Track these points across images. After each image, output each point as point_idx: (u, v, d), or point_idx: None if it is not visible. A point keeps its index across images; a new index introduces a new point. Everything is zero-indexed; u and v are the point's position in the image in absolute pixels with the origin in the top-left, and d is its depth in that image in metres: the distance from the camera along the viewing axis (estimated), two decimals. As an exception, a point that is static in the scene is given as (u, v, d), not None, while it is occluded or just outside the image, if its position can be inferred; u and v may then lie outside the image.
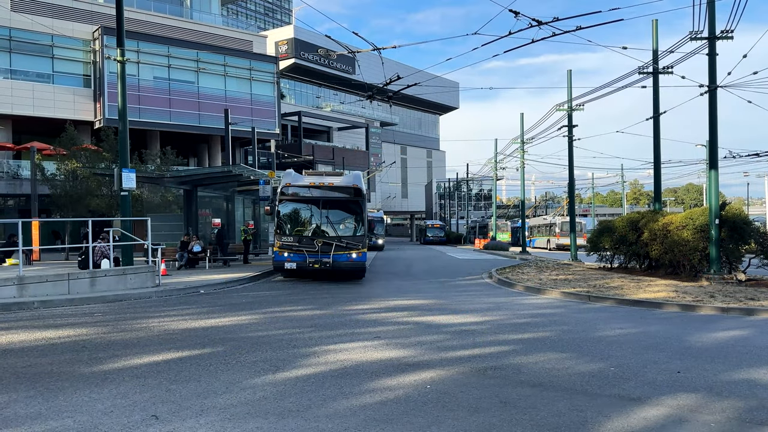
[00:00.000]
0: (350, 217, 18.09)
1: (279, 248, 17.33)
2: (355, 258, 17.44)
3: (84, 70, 37.07)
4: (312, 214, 17.90)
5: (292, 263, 17.13)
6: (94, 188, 28.74)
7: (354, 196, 17.88)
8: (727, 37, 17.69)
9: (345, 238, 17.52)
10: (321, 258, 17.12)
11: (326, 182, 17.93)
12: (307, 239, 17.34)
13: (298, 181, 18.02)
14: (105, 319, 10.91)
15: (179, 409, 5.48)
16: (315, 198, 17.72)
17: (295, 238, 17.34)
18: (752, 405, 5.81)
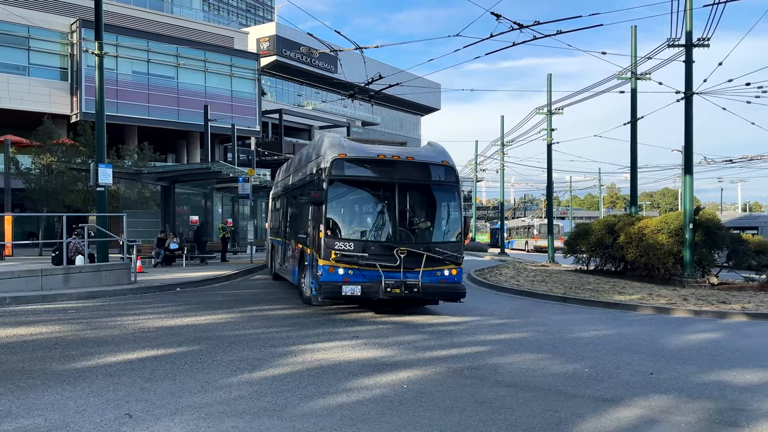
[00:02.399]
0: (441, 211, 11.77)
1: (333, 261, 10.60)
2: (449, 277, 11.14)
3: (61, 63, 36.48)
4: (385, 206, 11.08)
5: (355, 286, 10.47)
6: (70, 183, 28.27)
7: (445, 177, 11.50)
8: (703, 44, 18.00)
9: (438, 246, 11.08)
10: (405, 278, 10.63)
11: (403, 154, 11.30)
12: (381, 247, 10.82)
13: (359, 152, 11.16)
14: (78, 316, 10.75)
15: (153, 407, 5.42)
16: (388, 180, 11.04)
17: (357, 245, 10.70)
18: (722, 406, 5.92)
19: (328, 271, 10.64)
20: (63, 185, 28.13)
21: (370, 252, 10.68)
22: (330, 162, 10.81)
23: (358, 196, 11.41)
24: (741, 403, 6.06)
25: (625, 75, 23.25)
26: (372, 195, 11.30)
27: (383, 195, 11.10)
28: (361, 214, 11.56)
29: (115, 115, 35.05)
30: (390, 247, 10.77)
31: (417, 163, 11.39)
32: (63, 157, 28.68)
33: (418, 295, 10.67)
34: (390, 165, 11.14)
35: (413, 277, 10.69)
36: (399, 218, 10.93)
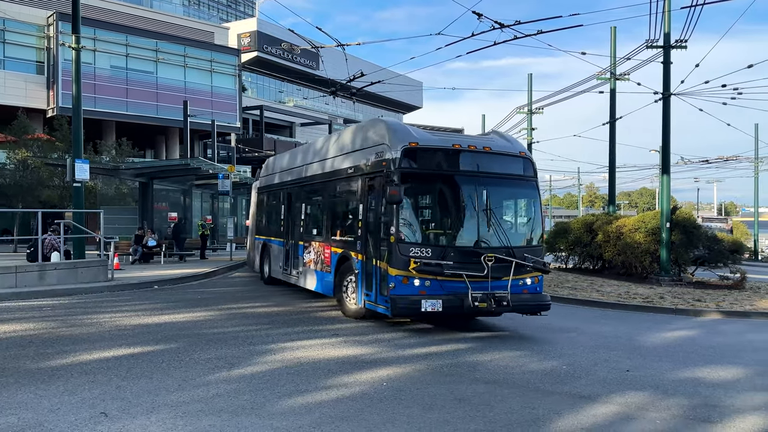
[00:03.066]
0: (523, 209, 10.42)
1: (413, 271, 8.83)
2: (531, 286, 9.63)
3: (37, 57, 35.86)
4: (465, 205, 9.44)
5: (435, 301, 8.72)
6: (46, 179, 27.85)
7: (524, 171, 10.05)
8: (681, 46, 18.24)
9: (525, 251, 9.60)
10: (493, 289, 9.02)
11: (479, 144, 9.76)
12: (464, 253, 9.11)
13: (430, 141, 9.53)
14: (54, 313, 10.58)
15: (129, 406, 5.36)
16: (466, 174, 9.47)
17: (436, 251, 8.98)
18: (696, 403, 6.02)
19: (402, 282, 8.83)
20: (39, 181, 27.70)
21: (452, 259, 8.90)
22: (400, 152, 9.09)
23: (433, 192, 9.72)
24: (714, 399, 6.17)
25: (605, 75, 23.48)
26: (449, 192, 9.54)
27: (462, 192, 9.40)
28: (438, 214, 9.92)
29: (93, 110, 34.55)
30: (475, 254, 9.01)
31: (495, 155, 9.80)
32: (39, 152, 28.24)
33: (507, 309, 9.08)
34: (467, 156, 9.51)
35: (501, 289, 9.04)
36: (482, 219, 9.28)
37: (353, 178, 10.69)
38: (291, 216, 14.04)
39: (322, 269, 11.77)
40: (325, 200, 12.10)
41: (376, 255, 9.46)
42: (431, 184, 9.67)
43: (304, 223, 13.17)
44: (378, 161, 9.63)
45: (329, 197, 11.90)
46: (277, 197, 15.44)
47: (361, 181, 10.24)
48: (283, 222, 14.56)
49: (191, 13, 70.47)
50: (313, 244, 12.33)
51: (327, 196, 12.01)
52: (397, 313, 8.96)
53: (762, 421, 5.48)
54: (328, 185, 11.96)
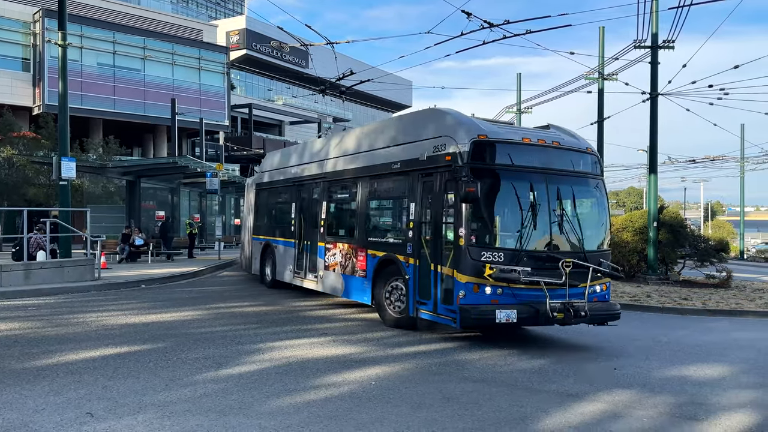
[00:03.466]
0: (593, 210, 9.37)
1: (487, 277, 8.02)
2: (600, 294, 8.94)
3: (23, 54, 35.47)
4: (536, 205, 8.52)
5: (510, 311, 7.91)
6: (32, 177, 27.58)
7: (592, 169, 9.31)
8: (668, 46, 18.37)
9: (596, 256, 8.82)
10: (570, 298, 8.26)
11: (548, 138, 9.01)
12: (540, 258, 8.38)
13: (500, 135, 8.64)
14: (39, 313, 10.48)
15: (116, 406, 5.32)
16: (536, 171, 8.63)
17: (509, 256, 8.14)
18: (682, 400, 6.06)
19: (473, 290, 7.98)
20: (24, 179, 27.42)
21: (526, 265, 8.10)
22: (469, 145, 8.22)
23: (503, 191, 8.58)
24: (701, 397, 6.22)
25: (593, 75, 23.58)
26: (520, 190, 8.50)
27: (533, 190, 8.51)
28: (508, 214, 8.67)
29: (80, 107, 34.21)
30: (552, 259, 8.28)
31: (565, 151, 9.01)
32: (24, 150, 27.95)
33: (583, 319, 8.24)
34: (537, 152, 8.72)
35: (578, 297, 8.30)
36: (554, 220, 8.53)
37: (401, 174, 9.72)
38: (305, 215, 13.00)
39: (352, 273, 10.80)
40: (358, 198, 10.94)
41: (435, 259, 8.60)
42: (501, 181, 8.50)
43: (326, 223, 12.07)
44: (438, 155, 8.73)
45: (364, 195, 10.75)
46: (285, 195, 14.32)
47: (412, 177, 9.31)
48: (293, 221, 13.48)
49: (179, 11, 70.04)
50: (339, 245, 11.32)
51: (360, 193, 10.84)
52: (466, 325, 8.08)
53: (747, 418, 5.53)
54: (361, 182, 10.87)
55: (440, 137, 8.84)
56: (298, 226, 13.26)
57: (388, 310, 9.80)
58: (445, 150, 8.64)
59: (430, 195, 8.93)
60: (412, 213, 9.26)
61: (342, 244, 11.30)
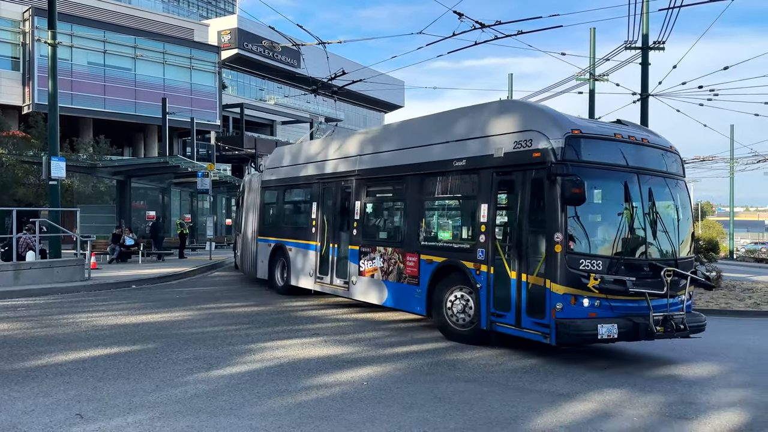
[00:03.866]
0: (681, 214, 8.49)
1: (592, 288, 7.21)
2: (688, 303, 8.22)
3: (12, 52, 35.23)
4: (633, 208, 7.80)
5: (610, 325, 7.15)
6: (21, 177, 27.37)
7: (676, 169, 8.66)
8: (659, 48, 18.47)
9: (686, 264, 8.24)
10: (671, 308, 7.64)
11: (638, 135, 8.36)
12: (640, 266, 7.65)
13: (593, 130, 7.98)
14: (29, 313, 10.41)
15: (106, 407, 5.28)
16: (630, 170, 7.90)
17: (607, 264, 7.36)
18: (672, 399, 6.09)
19: (570, 303, 7.16)
20: (14, 179, 27.21)
21: (628, 274, 7.36)
22: (563, 140, 7.44)
23: (597, 191, 7.92)
24: (690, 396, 6.25)
25: (584, 76, 23.67)
26: (613, 191, 7.85)
27: (627, 191, 7.76)
28: (604, 218, 7.98)
29: (70, 106, 34.02)
30: (654, 267, 7.57)
31: (654, 149, 8.34)
32: (14, 149, 27.74)
33: (682, 333, 7.55)
34: (630, 149, 7.99)
35: (677, 308, 7.72)
36: (648, 225, 7.80)
37: (466, 172, 8.81)
38: (330, 215, 12.06)
39: (398, 280, 9.91)
40: (406, 198, 10.03)
41: (517, 267, 7.75)
42: (595, 181, 7.72)
43: (360, 224, 11.04)
44: (522, 152, 7.86)
45: (414, 195, 9.80)
46: (303, 193, 13.36)
47: (482, 176, 8.39)
48: (314, 222, 12.42)
49: (171, 10, 69.74)
50: (380, 250, 10.42)
51: (410, 193, 9.92)
52: (564, 342, 7.21)
53: (737, 417, 5.57)
54: (410, 181, 9.92)
55: (524, 132, 7.93)
56: (321, 227, 12.26)
57: (449, 322, 8.80)
58: (532, 146, 7.75)
59: (509, 195, 8.14)
60: (484, 215, 8.29)
61: (384, 248, 10.36)
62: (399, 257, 9.97)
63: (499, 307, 8.03)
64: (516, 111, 8.44)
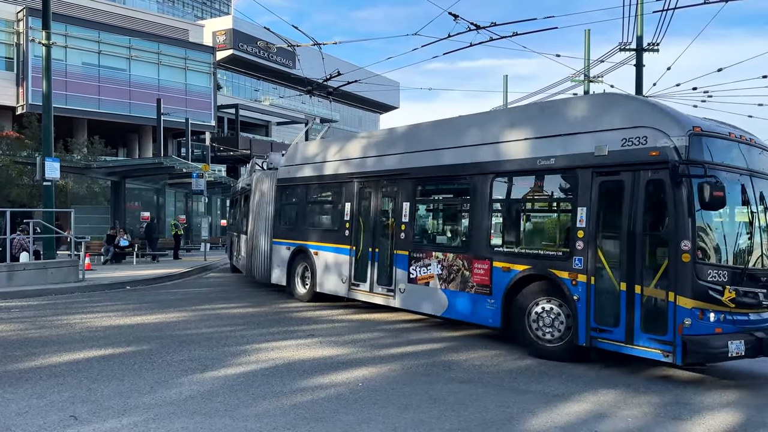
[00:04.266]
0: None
1: (727, 302, 6.71)
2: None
3: (6, 53, 35.09)
4: (754, 214, 7.40)
5: (738, 342, 6.65)
6: (15, 177, 27.28)
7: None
8: (653, 49, 18.57)
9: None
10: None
11: (747, 136, 7.79)
12: (762, 277, 7.17)
13: (712, 128, 7.33)
14: (23, 315, 10.37)
15: (100, 409, 5.27)
16: (749, 174, 7.45)
17: (736, 275, 6.88)
18: (667, 400, 6.11)
19: (698, 318, 6.56)
20: (8, 179, 27.13)
21: (756, 286, 6.92)
22: (687, 138, 6.81)
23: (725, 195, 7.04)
24: (685, 397, 6.28)
25: (579, 78, 23.75)
26: (737, 195, 7.23)
27: (747, 196, 7.26)
28: (728, 224, 7.36)
29: (64, 107, 33.89)
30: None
31: (761, 149, 7.76)
32: (8, 150, 27.64)
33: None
34: (744, 150, 7.44)
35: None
36: (765, 232, 7.34)
37: (561, 171, 8.01)
38: (369, 217, 11.11)
39: (463, 289, 9.00)
40: (477, 199, 9.00)
41: (629, 277, 7.02)
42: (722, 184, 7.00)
43: (410, 227, 10.12)
44: (634, 150, 7.19)
45: (484, 196, 8.88)
46: (333, 193, 12.32)
47: (578, 175, 7.66)
48: (347, 224, 11.43)
49: (165, 10, 69.57)
50: (439, 255, 9.49)
51: (479, 194, 8.97)
52: (690, 361, 6.61)
53: (731, 418, 5.59)
54: (479, 180, 8.96)
55: (634, 128, 7.26)
56: (356, 229, 11.29)
57: (534, 337, 8.02)
58: (647, 144, 7.09)
59: (615, 198, 7.37)
60: (581, 220, 7.55)
61: (443, 254, 9.46)
62: (463, 264, 9.03)
63: (603, 322, 7.27)
64: (622, 105, 7.72)
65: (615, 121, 7.49)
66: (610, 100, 8.11)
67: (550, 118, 8.34)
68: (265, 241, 13.99)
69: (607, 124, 7.54)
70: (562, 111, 8.28)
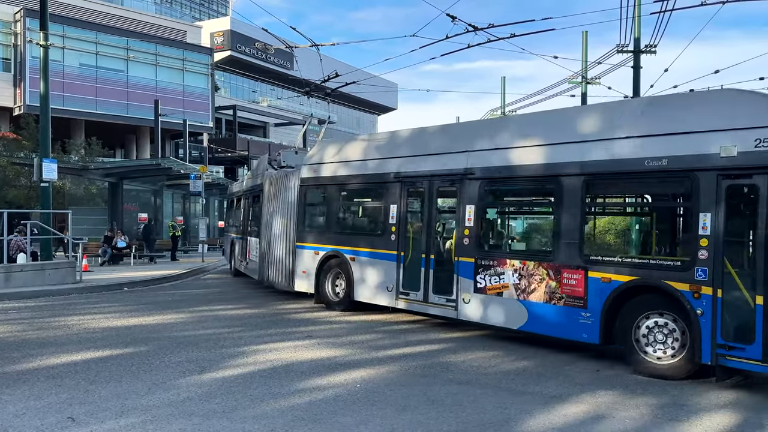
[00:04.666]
0: None
1: None
2: None
3: (4, 54, 35.03)
4: None
5: None
6: (12, 178, 27.21)
7: None
8: (650, 51, 18.60)
9: None
10: None
11: None
12: None
13: None
14: (20, 316, 10.35)
15: (98, 410, 5.26)
16: None
17: None
18: (664, 402, 6.13)
19: None
20: (4, 181, 27.04)
21: None
22: None
23: None
24: (682, 398, 6.28)
25: (576, 79, 23.81)
26: None
27: None
28: None
29: (61, 108, 33.81)
30: None
31: None
32: (5, 151, 27.58)
33: None
34: None
35: None
36: None
37: (675, 172, 7.34)
38: (425, 220, 10.08)
39: (549, 301, 8.22)
40: (565, 202, 8.20)
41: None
42: None
43: (477, 231, 9.22)
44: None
45: (580, 199, 8.09)
46: (377, 193, 11.38)
47: (706, 178, 7.02)
48: (393, 228, 10.49)
49: (163, 12, 69.55)
50: (515, 263, 8.68)
51: (571, 196, 8.14)
52: None
53: (727, 419, 5.61)
54: (570, 181, 8.15)
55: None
56: (404, 234, 10.40)
57: (642, 355, 7.37)
58: None
59: (747, 203, 6.90)
60: (705, 226, 6.96)
61: (521, 262, 8.64)
62: (549, 273, 8.23)
63: (734, 339, 6.69)
64: (752, 102, 7.08)
65: (747, 119, 6.86)
66: (735, 97, 7.36)
67: (657, 116, 7.72)
68: (286, 245, 12.91)
69: (738, 123, 6.91)
70: (673, 108, 7.74)
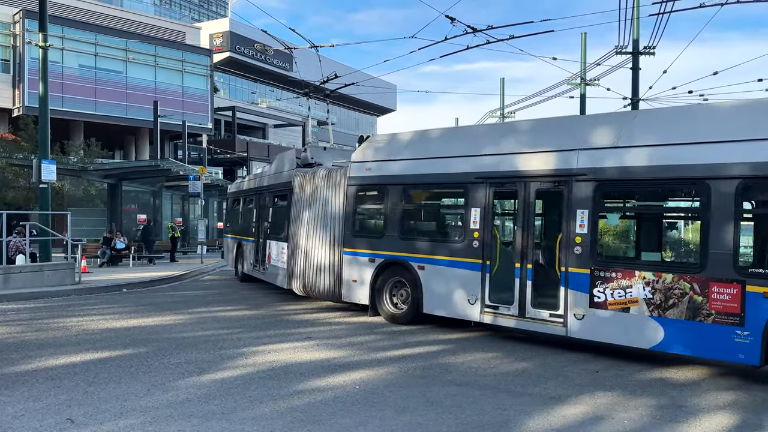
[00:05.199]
0: None
1: None
2: None
3: (2, 55, 35.03)
4: None
5: None
6: (11, 180, 27.21)
7: None
8: (649, 52, 18.64)
9: None
10: None
11: None
12: None
13: None
14: (19, 317, 10.34)
15: (97, 411, 5.26)
16: None
17: None
18: (663, 402, 6.13)
19: None
20: (3, 182, 27.05)
21: None
22: None
23: None
24: (681, 399, 6.29)
25: (575, 81, 23.83)
26: None
27: None
28: None
29: (60, 109, 33.81)
30: None
31: None
32: (4, 152, 27.57)
33: None
34: None
35: None
36: None
37: None
38: (518, 225, 9.05)
39: (693, 318, 7.26)
40: (714, 207, 7.20)
41: None
42: None
43: (592, 239, 8.13)
44: None
45: (733, 204, 7.08)
46: (454, 195, 10.77)
47: None
48: (478, 233, 9.36)
49: (162, 13, 69.56)
50: (646, 275, 7.68)
51: (722, 201, 7.14)
52: None
53: (726, 420, 5.61)
54: (721, 185, 7.18)
55: None
56: (490, 241, 9.33)
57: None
58: None
59: None
60: None
61: (655, 274, 7.64)
62: (693, 287, 7.31)
63: None
64: None
65: None
66: None
67: None
68: (328, 251, 11.62)
69: None
70: None
